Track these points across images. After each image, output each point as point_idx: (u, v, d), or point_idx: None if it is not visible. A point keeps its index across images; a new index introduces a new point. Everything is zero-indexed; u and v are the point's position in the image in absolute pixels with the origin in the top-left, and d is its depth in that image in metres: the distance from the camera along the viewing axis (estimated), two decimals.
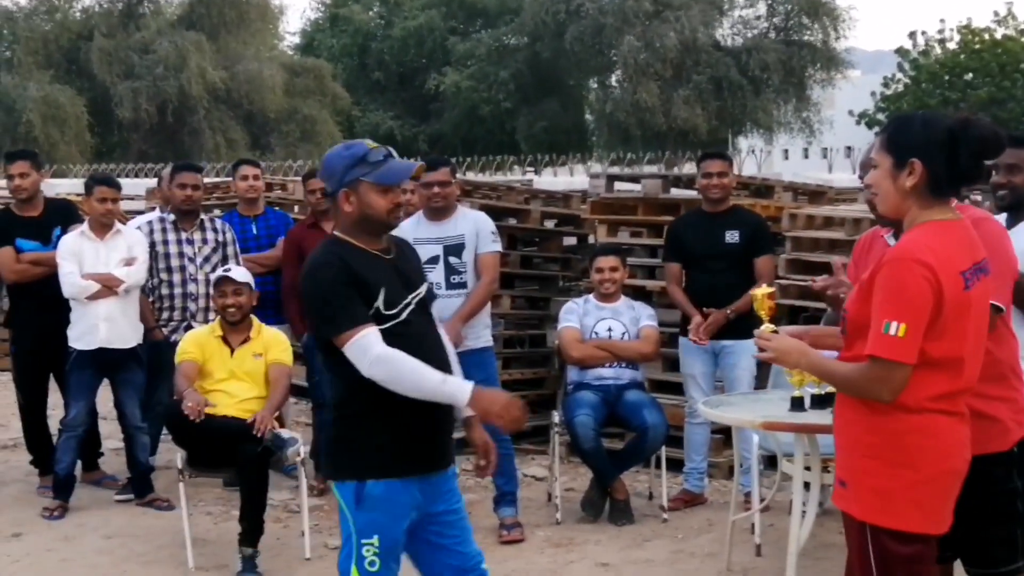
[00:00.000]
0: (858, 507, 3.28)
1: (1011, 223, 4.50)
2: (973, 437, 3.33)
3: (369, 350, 3.55)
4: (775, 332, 3.58)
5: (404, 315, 3.67)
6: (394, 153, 3.79)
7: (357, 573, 3.69)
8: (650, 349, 6.72)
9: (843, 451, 3.36)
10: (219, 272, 6.35)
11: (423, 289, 3.79)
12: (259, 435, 5.75)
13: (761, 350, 3.48)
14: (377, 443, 3.66)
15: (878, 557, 3.24)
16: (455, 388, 3.61)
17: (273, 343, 6.28)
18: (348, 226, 3.73)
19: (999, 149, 3.29)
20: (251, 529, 5.76)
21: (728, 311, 6.63)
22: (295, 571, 5.93)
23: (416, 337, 3.68)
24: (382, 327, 3.61)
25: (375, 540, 3.66)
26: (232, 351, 6.19)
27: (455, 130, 44.17)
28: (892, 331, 3.09)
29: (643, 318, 6.77)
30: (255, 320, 6.32)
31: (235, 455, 5.77)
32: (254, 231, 7.62)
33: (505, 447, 5.99)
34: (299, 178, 8.62)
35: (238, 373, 6.12)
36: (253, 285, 6.33)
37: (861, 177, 3.91)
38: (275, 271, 7.43)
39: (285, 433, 6.12)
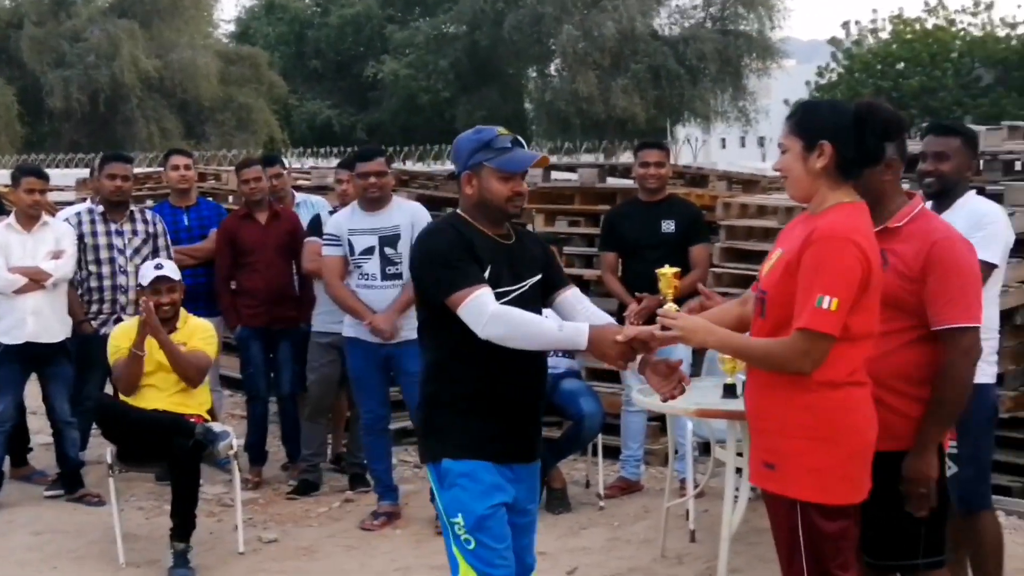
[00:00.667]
0: (791, 487, 3.34)
1: (936, 211, 4.55)
2: (890, 432, 3.44)
3: (486, 307, 3.54)
4: (678, 311, 3.61)
5: (507, 299, 3.66)
6: (522, 142, 3.79)
7: (459, 553, 3.69)
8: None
9: (768, 434, 3.41)
10: (151, 270, 6.21)
11: (529, 281, 3.77)
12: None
13: (665, 329, 3.49)
14: (458, 424, 3.67)
15: (807, 535, 3.33)
16: (572, 332, 3.59)
17: (196, 331, 6.19)
18: (468, 208, 3.76)
19: (901, 131, 3.46)
20: (183, 524, 5.70)
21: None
22: (229, 566, 5.87)
23: None
24: None
25: (459, 519, 3.66)
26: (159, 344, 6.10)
27: (393, 119, 43.97)
28: (825, 304, 3.19)
29: None
30: (183, 310, 6.23)
31: (166, 449, 5.69)
32: (186, 222, 7.52)
33: None
34: (233, 168, 8.51)
35: (166, 366, 6.03)
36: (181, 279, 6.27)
37: None
38: (207, 263, 7.33)
39: (217, 426, 6.05)
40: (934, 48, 45.07)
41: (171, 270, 6.22)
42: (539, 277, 3.80)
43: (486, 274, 3.63)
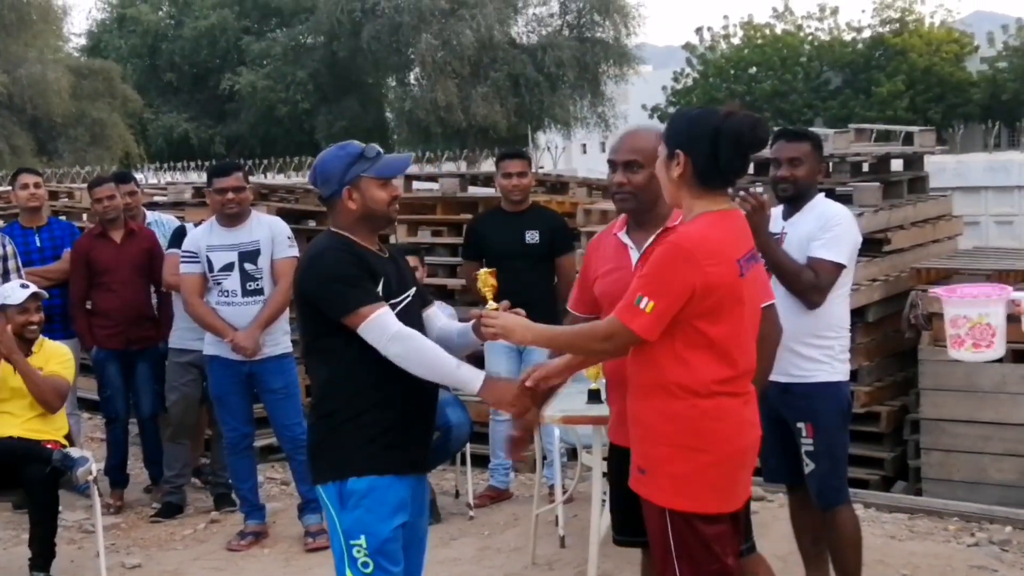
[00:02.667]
0: (658, 494, 3.38)
1: (788, 214, 4.68)
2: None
3: (389, 326, 3.56)
4: (497, 310, 3.64)
5: (397, 310, 3.66)
6: (381, 150, 3.82)
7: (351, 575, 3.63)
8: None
9: (640, 440, 3.44)
10: (18, 289, 6.02)
11: (412, 292, 3.80)
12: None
13: (487, 327, 3.58)
14: (358, 439, 3.63)
15: (677, 540, 3.35)
16: (469, 374, 3.61)
17: (53, 355, 6.02)
18: (349, 224, 3.74)
19: (757, 144, 3.38)
20: (42, 553, 5.54)
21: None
22: None
23: None
24: None
25: (362, 540, 3.61)
26: (15, 368, 5.92)
27: (252, 131, 43.43)
28: (642, 305, 3.25)
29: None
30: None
31: (22, 477, 5.52)
32: (37, 243, 7.30)
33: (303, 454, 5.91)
34: (86, 186, 8.29)
35: (21, 391, 5.84)
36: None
37: None
38: (60, 284, 7.13)
39: (75, 452, 5.88)
40: (784, 53, 46.36)
41: (39, 289, 6.07)
42: (415, 288, 3.85)
43: (379, 287, 3.65)
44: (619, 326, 3.30)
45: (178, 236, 6.73)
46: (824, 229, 4.52)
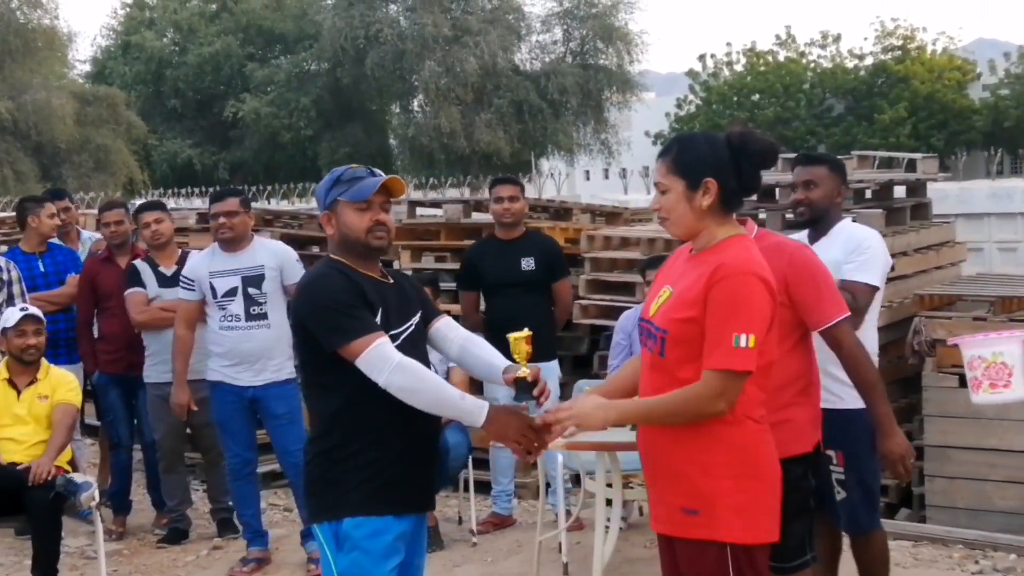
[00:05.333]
0: (721, 530, 3.22)
1: (813, 238, 4.68)
2: (777, 440, 3.42)
3: (390, 357, 3.41)
4: (537, 379, 3.51)
5: (397, 343, 3.53)
6: (376, 172, 3.66)
7: None
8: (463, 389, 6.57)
9: (686, 478, 3.26)
10: (17, 311, 6.05)
11: (415, 320, 3.67)
12: (40, 482, 5.51)
13: (519, 390, 3.47)
14: (355, 479, 3.51)
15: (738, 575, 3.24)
16: (473, 406, 3.47)
17: (60, 383, 6.03)
18: (337, 249, 3.65)
19: (774, 157, 3.42)
20: None
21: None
22: None
23: None
24: None
25: None
26: (19, 394, 5.93)
27: (256, 157, 43.53)
28: (743, 343, 3.13)
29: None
30: (43, 360, 6.07)
31: (25, 503, 5.51)
32: (41, 268, 7.30)
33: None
34: (92, 211, 8.32)
35: (25, 417, 5.85)
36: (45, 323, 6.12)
37: None
38: (66, 309, 7.15)
39: (78, 477, 5.88)
40: (787, 80, 46.55)
41: (36, 311, 6.08)
42: (420, 314, 3.73)
43: (377, 318, 3.52)
44: (728, 376, 3.14)
45: (133, 275, 6.70)
46: (856, 252, 4.55)
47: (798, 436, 3.70)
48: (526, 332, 3.64)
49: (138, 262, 6.80)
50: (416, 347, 3.64)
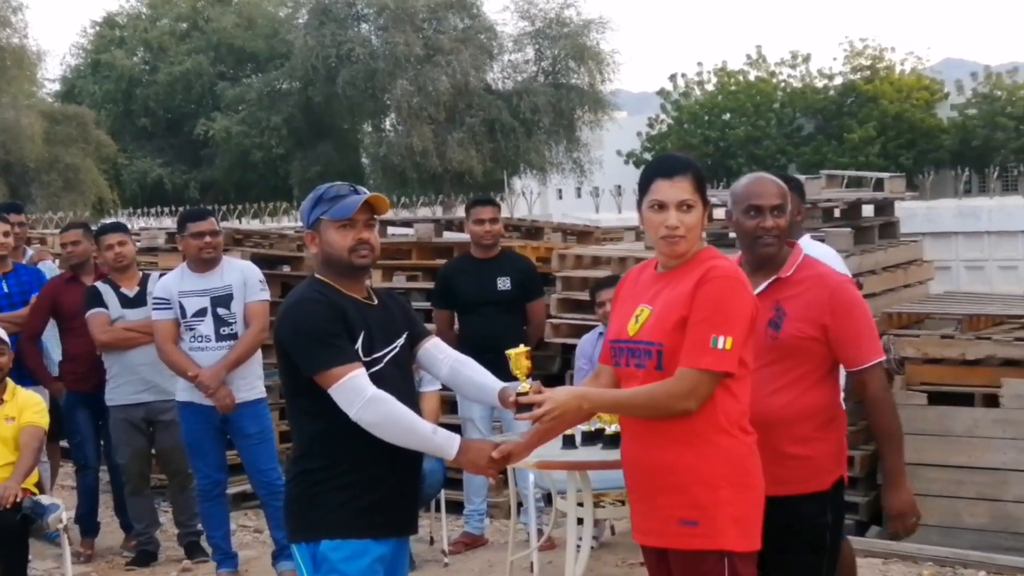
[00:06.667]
0: (720, 539, 3.27)
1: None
2: (792, 476, 3.50)
3: (364, 390, 3.41)
4: (540, 392, 3.40)
5: (380, 366, 3.53)
6: (360, 189, 3.63)
7: None
8: (434, 418, 6.51)
9: (682, 490, 3.30)
10: None
11: (400, 341, 3.65)
12: (7, 505, 5.46)
13: (521, 408, 3.39)
14: (335, 500, 3.50)
15: None
16: (444, 440, 3.48)
17: (27, 405, 5.98)
18: (321, 268, 3.63)
19: None
20: None
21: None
22: None
23: (389, 390, 3.50)
24: None
25: None
26: None
27: (227, 176, 43.38)
28: (720, 345, 3.21)
29: (423, 382, 6.20)
30: (9, 382, 6.02)
31: None
32: (5, 289, 7.24)
33: (278, 500, 5.86)
34: (58, 231, 8.27)
35: None
36: (11, 345, 6.06)
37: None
38: None
39: (45, 499, 5.84)
40: (757, 99, 46.80)
41: (1, 332, 6.03)
42: (406, 335, 3.70)
43: (359, 341, 3.50)
44: (702, 376, 3.22)
45: (93, 296, 6.64)
46: None
47: (816, 473, 3.69)
48: (524, 348, 3.64)
49: (99, 283, 6.74)
50: (400, 369, 3.63)
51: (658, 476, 3.34)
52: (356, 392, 3.42)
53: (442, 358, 3.77)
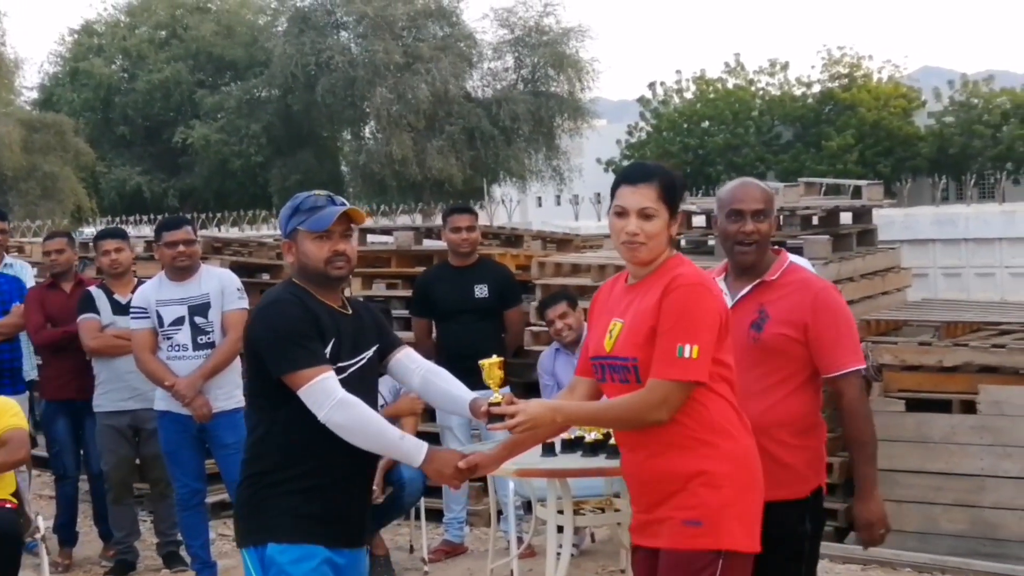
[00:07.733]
0: (724, 539, 3.30)
1: None
2: (768, 482, 3.47)
3: (334, 392, 3.42)
4: (512, 403, 3.36)
5: (344, 375, 3.52)
6: (337, 199, 3.63)
7: None
8: (412, 425, 6.54)
9: (687, 492, 3.32)
10: None
11: (370, 352, 3.65)
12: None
13: (493, 418, 3.36)
14: (283, 505, 3.49)
15: None
16: (411, 447, 3.47)
17: (4, 410, 5.91)
18: (298, 275, 3.65)
19: None
20: None
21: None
22: None
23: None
24: None
25: None
26: None
27: (206, 184, 43.24)
28: (687, 354, 3.23)
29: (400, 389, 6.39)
30: None
31: None
32: None
33: None
34: (38, 239, 8.26)
35: None
36: None
37: None
38: (11, 339, 7.07)
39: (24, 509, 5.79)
40: (736, 107, 47.00)
41: None
42: (376, 347, 3.70)
43: (328, 348, 3.51)
44: (671, 386, 3.24)
45: (87, 301, 6.62)
46: None
47: (792, 480, 3.68)
48: (497, 358, 3.63)
49: (92, 289, 6.73)
50: (365, 381, 3.62)
51: (663, 484, 3.36)
52: (326, 394, 3.42)
53: (414, 368, 3.77)
